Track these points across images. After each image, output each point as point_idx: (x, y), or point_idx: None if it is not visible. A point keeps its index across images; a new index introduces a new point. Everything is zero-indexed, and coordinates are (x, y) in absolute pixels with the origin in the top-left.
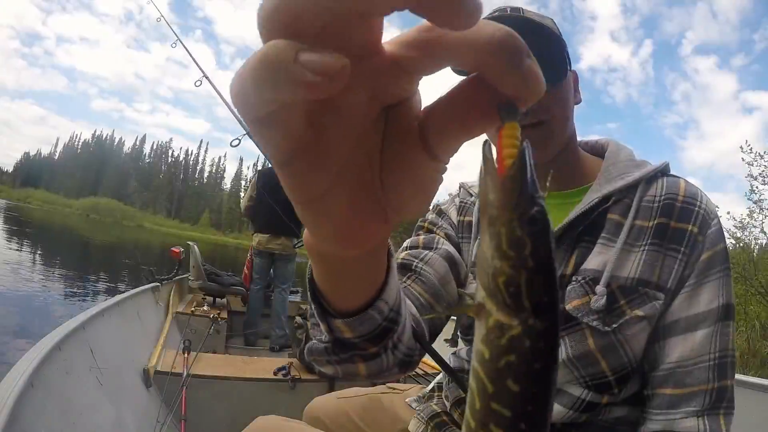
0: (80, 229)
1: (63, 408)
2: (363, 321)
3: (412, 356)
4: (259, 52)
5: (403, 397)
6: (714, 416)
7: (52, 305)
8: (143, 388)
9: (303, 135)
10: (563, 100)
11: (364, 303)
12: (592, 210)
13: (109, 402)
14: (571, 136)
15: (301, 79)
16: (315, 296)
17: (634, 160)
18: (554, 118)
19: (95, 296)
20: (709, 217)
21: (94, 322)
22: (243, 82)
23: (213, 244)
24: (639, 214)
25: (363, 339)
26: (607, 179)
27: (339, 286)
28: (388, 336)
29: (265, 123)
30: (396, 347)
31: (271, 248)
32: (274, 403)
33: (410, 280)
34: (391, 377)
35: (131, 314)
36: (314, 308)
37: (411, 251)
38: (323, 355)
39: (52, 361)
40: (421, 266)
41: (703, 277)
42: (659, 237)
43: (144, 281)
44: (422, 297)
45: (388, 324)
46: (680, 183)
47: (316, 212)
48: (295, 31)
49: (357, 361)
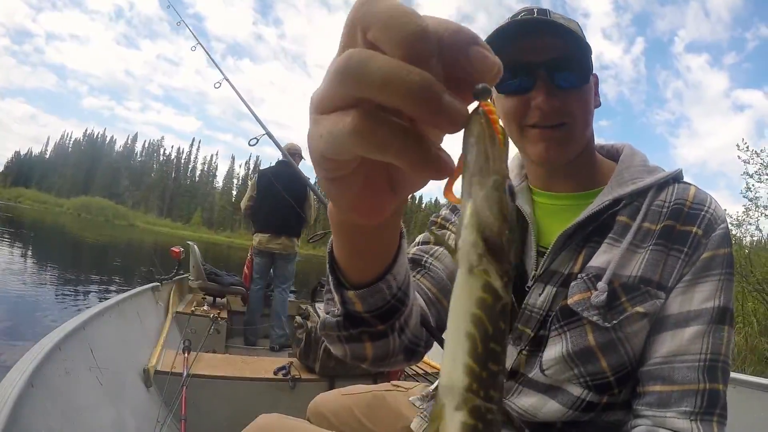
0: (72, 229)
1: (63, 408)
2: (373, 293)
3: (418, 345)
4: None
5: (407, 395)
6: (708, 422)
7: (44, 305)
8: (143, 388)
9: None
10: (585, 104)
11: (376, 276)
12: (602, 212)
13: (109, 402)
14: (589, 140)
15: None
16: (333, 268)
17: (647, 166)
18: (575, 120)
19: (87, 296)
20: (715, 222)
21: (94, 322)
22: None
23: (205, 242)
24: (647, 217)
25: (372, 314)
26: (618, 183)
27: (354, 257)
28: (395, 315)
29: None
30: (403, 330)
31: (272, 248)
32: (274, 402)
33: (419, 275)
34: (397, 366)
35: (131, 314)
36: (331, 280)
37: (422, 246)
38: (334, 330)
39: (52, 361)
40: (431, 261)
41: (701, 275)
42: (664, 238)
43: (136, 281)
44: (430, 291)
45: (396, 303)
46: (691, 189)
47: (339, 186)
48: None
49: (365, 339)
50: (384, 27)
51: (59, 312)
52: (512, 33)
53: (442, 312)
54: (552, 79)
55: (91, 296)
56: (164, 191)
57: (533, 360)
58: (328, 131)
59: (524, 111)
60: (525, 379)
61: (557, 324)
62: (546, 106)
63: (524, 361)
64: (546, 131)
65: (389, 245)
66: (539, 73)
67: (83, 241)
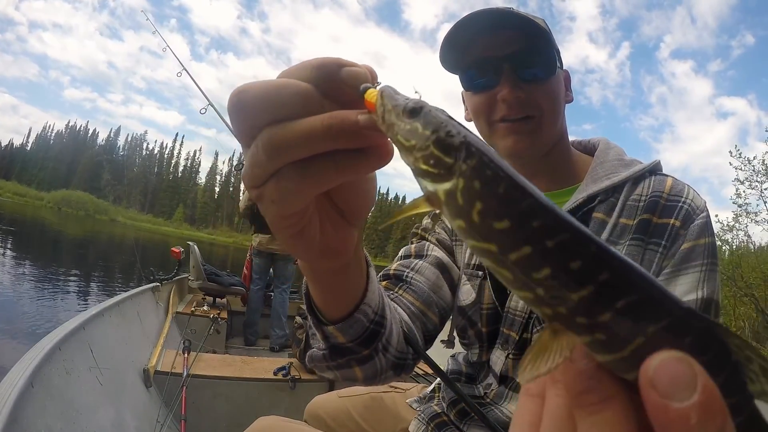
0: (53, 224)
1: (63, 408)
2: (352, 324)
3: (405, 359)
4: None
5: (405, 396)
6: None
7: (22, 302)
8: (143, 388)
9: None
10: (553, 96)
11: (352, 308)
12: (578, 210)
13: (109, 402)
14: (561, 134)
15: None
16: (311, 309)
17: (623, 160)
18: (543, 113)
19: (66, 294)
20: (693, 212)
21: (94, 322)
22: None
23: (187, 239)
24: (624, 212)
25: (355, 343)
26: (593, 179)
27: (329, 296)
28: (377, 338)
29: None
30: (386, 349)
31: (272, 248)
32: (273, 403)
33: (401, 290)
34: (389, 380)
35: (131, 314)
36: (311, 319)
37: (403, 261)
38: (322, 362)
39: (52, 361)
40: (411, 275)
41: (681, 267)
42: (641, 232)
43: (116, 278)
44: (413, 305)
45: (375, 327)
46: (667, 181)
47: (304, 238)
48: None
49: (353, 365)
50: (266, 108)
51: (35, 309)
52: (475, 28)
53: (428, 324)
54: (517, 73)
55: (70, 294)
56: (146, 186)
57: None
58: (277, 196)
59: (492, 106)
60: (515, 384)
61: (539, 326)
62: (511, 98)
63: (512, 365)
64: (514, 125)
65: (358, 277)
66: (504, 67)
67: (64, 237)
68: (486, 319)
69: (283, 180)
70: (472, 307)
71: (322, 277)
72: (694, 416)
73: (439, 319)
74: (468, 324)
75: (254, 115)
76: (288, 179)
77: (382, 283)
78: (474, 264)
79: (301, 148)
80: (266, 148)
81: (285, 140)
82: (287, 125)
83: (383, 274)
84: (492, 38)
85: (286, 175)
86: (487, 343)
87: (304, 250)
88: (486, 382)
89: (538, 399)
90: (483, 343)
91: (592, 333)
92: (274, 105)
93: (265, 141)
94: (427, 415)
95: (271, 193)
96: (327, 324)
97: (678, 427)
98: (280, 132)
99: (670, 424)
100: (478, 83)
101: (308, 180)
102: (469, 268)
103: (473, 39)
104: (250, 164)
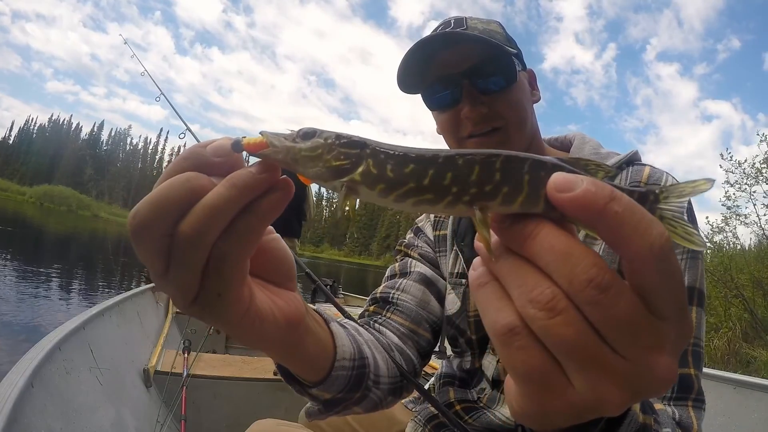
0: (34, 219)
1: (63, 408)
2: (333, 382)
3: (401, 381)
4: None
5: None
6: (682, 407)
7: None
8: (143, 388)
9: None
10: (516, 104)
11: (328, 367)
12: None
13: (109, 402)
14: (533, 136)
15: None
16: (289, 380)
17: (599, 153)
18: (509, 122)
19: (49, 290)
20: None
21: (94, 322)
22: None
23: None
24: None
25: (344, 392)
26: None
27: (299, 364)
28: (363, 379)
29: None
30: (377, 383)
31: None
32: (273, 403)
33: (390, 312)
34: (393, 404)
35: (131, 314)
36: (293, 388)
37: (388, 282)
38: (321, 415)
39: (52, 361)
40: (397, 296)
41: None
42: None
43: (99, 275)
44: (403, 326)
45: (358, 371)
46: (645, 170)
47: (245, 325)
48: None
49: (351, 407)
50: (166, 210)
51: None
52: (430, 48)
53: (420, 341)
54: (477, 86)
55: (52, 290)
56: (130, 182)
57: None
58: (218, 280)
59: (457, 124)
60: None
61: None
62: (473, 114)
63: (504, 369)
64: (482, 139)
65: (322, 336)
66: (463, 83)
67: (48, 235)
68: (474, 326)
69: (215, 258)
70: (459, 315)
71: (285, 346)
72: (592, 188)
73: (432, 334)
74: (457, 333)
75: (159, 224)
76: (220, 253)
77: (370, 308)
78: (457, 272)
79: (218, 218)
80: (188, 238)
81: (201, 219)
82: (194, 208)
83: (371, 298)
84: (446, 56)
85: (218, 251)
86: (478, 349)
87: (251, 332)
88: (479, 387)
89: (490, 284)
90: (474, 350)
91: (495, 195)
92: (171, 203)
93: (184, 233)
94: (424, 417)
95: (213, 283)
96: (310, 387)
97: (583, 202)
98: (191, 218)
99: (576, 206)
100: (440, 102)
101: (240, 240)
102: (452, 277)
103: (429, 58)
104: (178, 275)
